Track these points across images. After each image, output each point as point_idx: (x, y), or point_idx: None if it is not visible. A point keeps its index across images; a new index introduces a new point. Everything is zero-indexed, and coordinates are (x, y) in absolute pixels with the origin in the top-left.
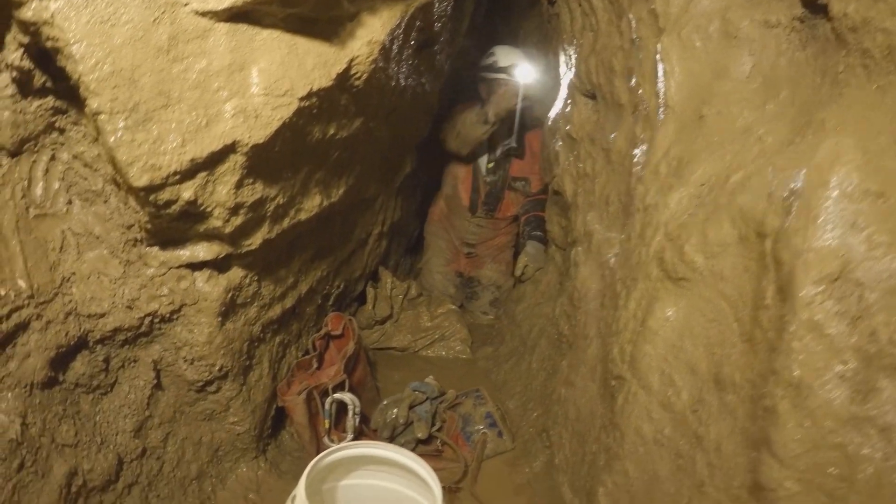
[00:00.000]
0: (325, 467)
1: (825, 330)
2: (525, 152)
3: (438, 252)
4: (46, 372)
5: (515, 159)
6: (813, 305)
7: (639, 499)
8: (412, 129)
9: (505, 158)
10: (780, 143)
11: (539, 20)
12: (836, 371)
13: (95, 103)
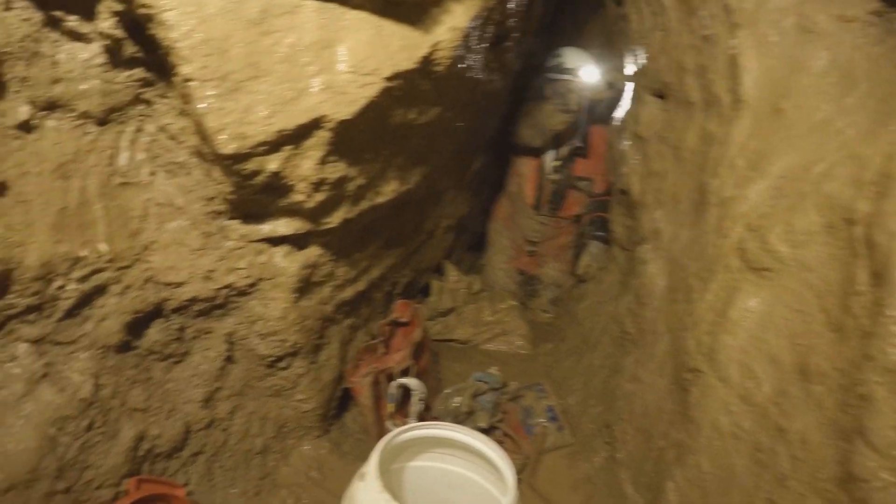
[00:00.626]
0: (397, 446)
1: None
2: (589, 152)
3: (501, 249)
4: (122, 336)
5: (579, 159)
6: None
7: (711, 495)
8: (483, 124)
9: (570, 158)
10: (863, 134)
11: (604, 22)
12: None
13: (187, 70)
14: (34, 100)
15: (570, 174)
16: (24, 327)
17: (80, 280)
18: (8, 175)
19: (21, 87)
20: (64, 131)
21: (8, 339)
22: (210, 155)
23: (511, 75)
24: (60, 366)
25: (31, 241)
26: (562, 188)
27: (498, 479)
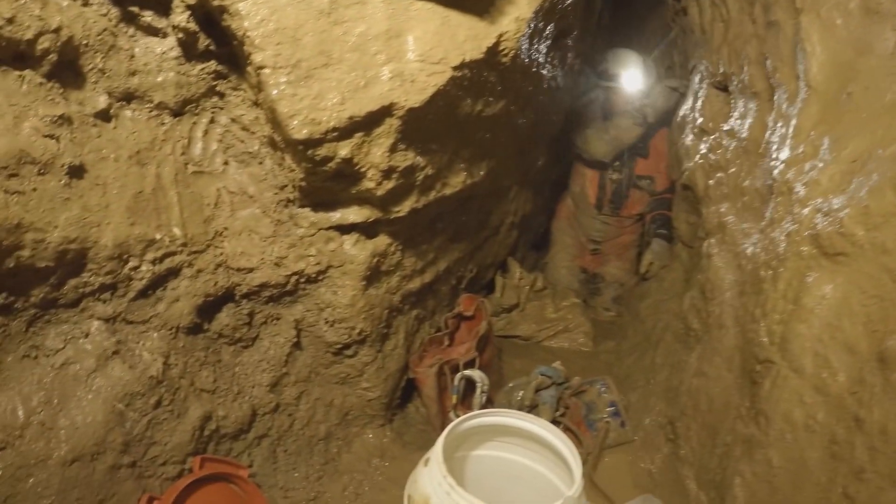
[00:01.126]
0: (462, 434)
1: None
2: (650, 150)
3: (564, 248)
4: (192, 318)
5: (640, 158)
6: None
7: (781, 490)
8: (546, 122)
9: (630, 158)
10: None
11: (662, 20)
12: None
13: (259, 58)
14: (112, 91)
15: (630, 173)
16: (97, 305)
17: (153, 262)
18: (86, 159)
19: (99, 79)
20: (140, 121)
21: (82, 316)
22: (282, 142)
23: (573, 74)
24: (132, 344)
25: (107, 223)
26: (623, 188)
27: (562, 469)
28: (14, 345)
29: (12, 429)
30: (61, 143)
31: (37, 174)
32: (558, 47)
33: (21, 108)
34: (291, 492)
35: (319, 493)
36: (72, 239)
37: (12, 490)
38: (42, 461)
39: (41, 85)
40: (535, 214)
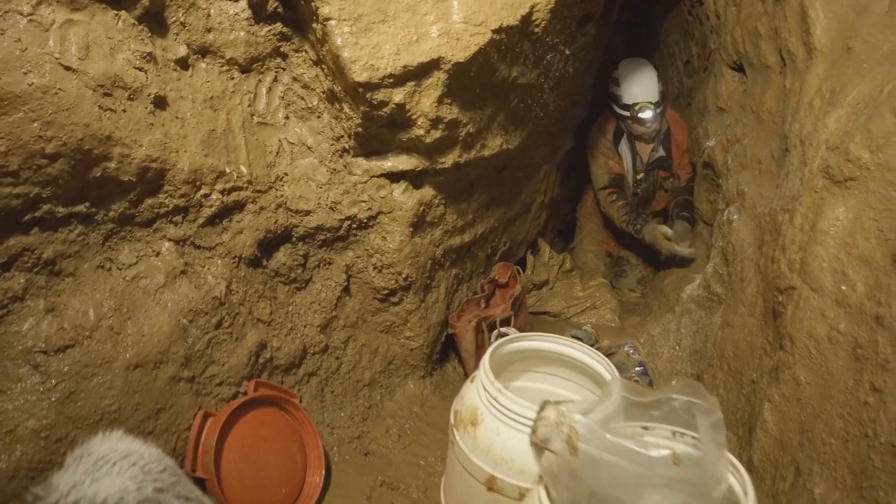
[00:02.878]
0: (504, 356)
1: None
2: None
3: (590, 234)
4: (254, 251)
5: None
6: None
7: (810, 403)
8: (571, 107)
9: (653, 169)
10: None
11: (680, 18)
12: None
13: (326, 10)
14: (190, 43)
15: (655, 180)
16: (170, 227)
17: (222, 192)
18: (168, 95)
19: (180, 31)
20: (213, 73)
21: (154, 236)
22: (342, 91)
23: (595, 66)
24: (198, 267)
25: (184, 150)
26: (649, 194)
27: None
28: (91, 254)
29: (83, 329)
30: (148, 76)
31: (127, 98)
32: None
33: (117, 42)
34: (337, 429)
35: (364, 433)
36: (154, 158)
37: (77, 387)
38: (108, 363)
39: (133, 26)
40: (563, 200)
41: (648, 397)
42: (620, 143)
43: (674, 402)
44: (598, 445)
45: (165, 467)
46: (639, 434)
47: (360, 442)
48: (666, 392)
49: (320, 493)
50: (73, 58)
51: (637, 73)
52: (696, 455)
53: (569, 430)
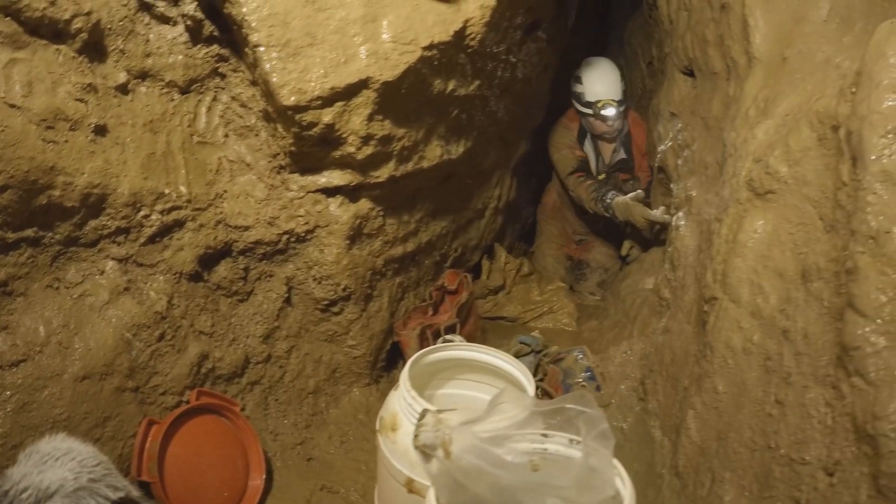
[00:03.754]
0: (427, 366)
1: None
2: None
3: (550, 237)
4: (194, 266)
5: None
6: (882, 158)
7: (727, 413)
8: (526, 112)
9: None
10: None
11: (643, 19)
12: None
13: (255, 38)
14: (130, 69)
15: (616, 181)
16: (113, 247)
17: (162, 212)
18: (108, 122)
19: (120, 58)
20: (153, 96)
21: (99, 255)
22: (274, 112)
23: (551, 70)
24: (141, 283)
25: (125, 175)
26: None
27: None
28: (40, 275)
29: (34, 344)
30: (89, 106)
31: (69, 129)
32: (533, 39)
33: (58, 76)
34: (281, 436)
35: (307, 439)
36: (95, 184)
37: (30, 398)
38: (57, 375)
39: (74, 58)
40: (522, 204)
41: (546, 406)
42: (585, 142)
43: (568, 411)
44: (470, 452)
45: (99, 462)
46: (539, 441)
47: (302, 448)
48: (561, 402)
49: (261, 496)
50: (17, 96)
51: (600, 71)
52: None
53: (444, 436)
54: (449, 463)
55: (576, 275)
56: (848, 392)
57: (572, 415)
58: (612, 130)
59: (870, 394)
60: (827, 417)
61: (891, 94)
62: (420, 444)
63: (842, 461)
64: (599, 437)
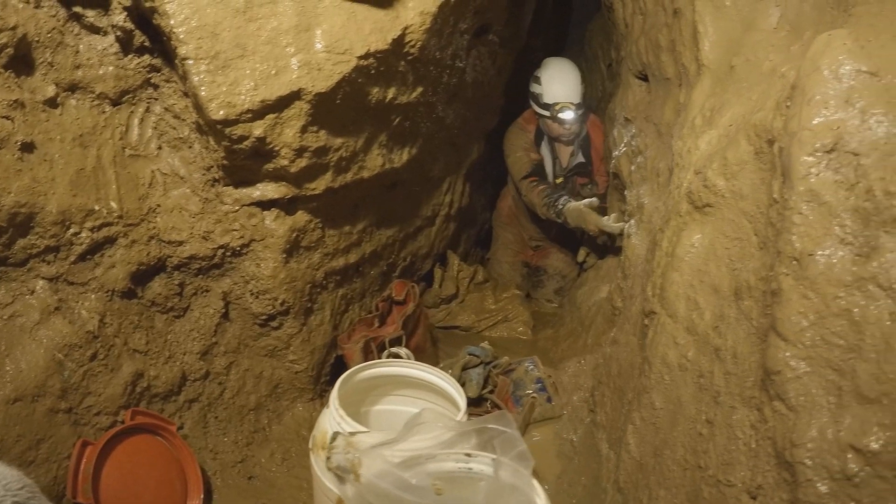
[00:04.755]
0: (360, 384)
1: (822, 198)
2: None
3: (506, 244)
4: (127, 283)
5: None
6: (809, 177)
7: (663, 430)
8: (478, 116)
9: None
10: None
11: (603, 20)
12: (836, 234)
13: (184, 51)
14: (59, 81)
15: (574, 185)
16: (42, 266)
17: (92, 230)
18: (36, 138)
19: (48, 71)
20: (83, 109)
21: (28, 275)
22: (205, 125)
23: (505, 72)
24: (72, 302)
25: (53, 192)
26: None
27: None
28: None
29: None
30: (15, 123)
31: None
32: (483, 43)
33: None
34: (221, 454)
35: (248, 457)
36: (22, 203)
37: None
38: None
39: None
40: (477, 209)
41: (469, 426)
42: (542, 144)
43: (490, 431)
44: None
45: (24, 485)
46: (463, 460)
47: (243, 466)
48: (483, 422)
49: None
50: None
51: (559, 72)
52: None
53: (354, 459)
54: (360, 485)
55: (532, 282)
56: (770, 416)
57: (493, 435)
58: (569, 133)
59: (790, 419)
60: (751, 440)
61: (822, 110)
62: (333, 467)
63: (763, 486)
64: (518, 457)
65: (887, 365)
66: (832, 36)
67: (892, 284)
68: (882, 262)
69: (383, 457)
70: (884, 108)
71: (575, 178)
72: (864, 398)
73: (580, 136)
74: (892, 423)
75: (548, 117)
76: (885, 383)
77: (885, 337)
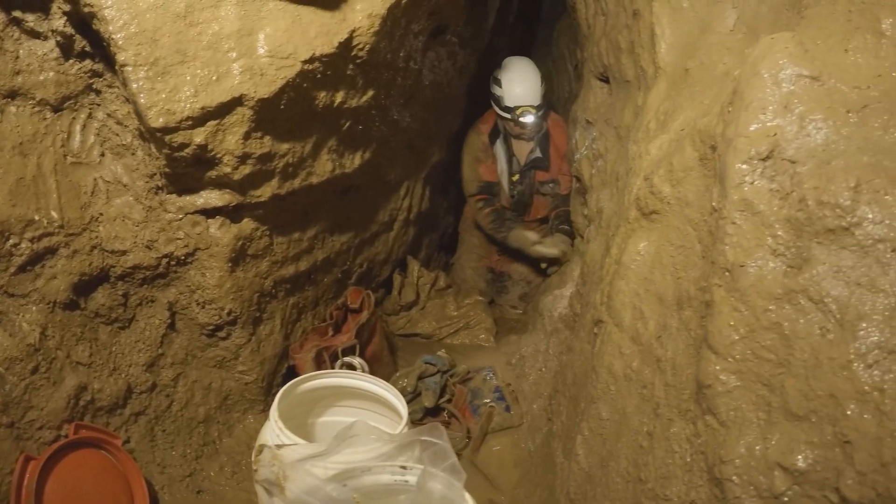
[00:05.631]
0: (303, 395)
1: (756, 207)
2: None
3: (471, 248)
4: (69, 294)
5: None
6: (743, 186)
7: (609, 441)
8: (438, 118)
9: (529, 170)
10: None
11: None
12: (768, 245)
13: (122, 57)
14: None
15: (532, 182)
16: None
17: (32, 240)
18: None
19: None
20: (24, 116)
21: None
22: (147, 132)
23: (467, 73)
24: (12, 315)
25: None
26: (526, 196)
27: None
28: None
29: None
30: None
31: None
32: (441, 44)
33: None
34: (169, 468)
35: (197, 470)
36: None
37: None
38: None
39: None
40: (439, 213)
41: (403, 439)
42: (496, 143)
43: (423, 443)
44: (302, 488)
45: None
46: (399, 473)
47: (192, 480)
48: (417, 434)
49: None
50: None
51: (520, 74)
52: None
53: (279, 472)
54: (285, 499)
55: (497, 287)
56: (703, 430)
57: (426, 447)
58: (529, 133)
59: (720, 434)
60: (687, 454)
61: (760, 116)
62: (260, 480)
63: (696, 502)
64: (449, 470)
65: (816, 382)
66: (775, 39)
67: (822, 298)
68: (813, 275)
69: (309, 470)
70: (823, 114)
71: (534, 173)
72: (792, 415)
73: (540, 134)
74: (820, 442)
75: (509, 120)
76: (814, 400)
77: (815, 352)
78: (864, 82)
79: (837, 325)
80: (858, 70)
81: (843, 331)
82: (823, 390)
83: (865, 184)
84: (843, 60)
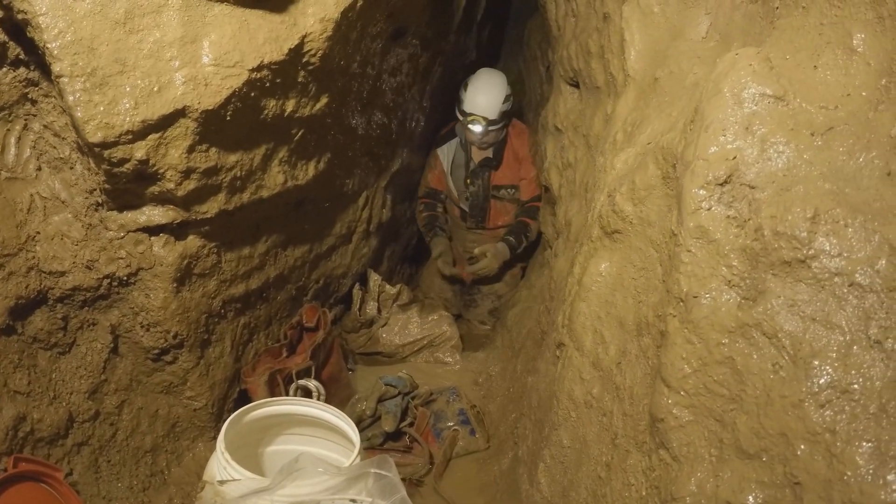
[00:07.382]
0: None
1: (712, 235)
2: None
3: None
4: (5, 319)
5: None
6: (700, 212)
7: (571, 470)
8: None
9: (480, 171)
10: None
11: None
12: (722, 276)
13: (58, 67)
14: None
15: (486, 185)
16: None
17: None
18: None
19: None
20: None
21: None
22: (85, 147)
23: (430, 76)
24: None
25: None
26: (480, 200)
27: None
28: None
29: None
30: None
31: None
32: (401, 46)
33: None
34: (114, 501)
35: (144, 503)
36: None
37: None
38: None
39: None
40: (402, 223)
41: (352, 472)
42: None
43: (374, 476)
44: None
45: None
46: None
47: None
48: (366, 466)
49: None
50: None
51: (485, 85)
52: None
53: None
54: None
55: (465, 300)
56: (657, 464)
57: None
58: (480, 142)
59: (672, 469)
60: (642, 487)
61: (720, 138)
62: None
63: None
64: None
65: (767, 419)
66: (739, 55)
67: (776, 333)
68: (767, 308)
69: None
70: (786, 137)
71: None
72: (744, 453)
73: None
74: (770, 482)
75: (461, 122)
76: (765, 438)
77: (767, 389)
78: (832, 102)
79: (790, 361)
80: (827, 88)
81: (795, 368)
82: (775, 429)
83: (824, 213)
84: (812, 78)
